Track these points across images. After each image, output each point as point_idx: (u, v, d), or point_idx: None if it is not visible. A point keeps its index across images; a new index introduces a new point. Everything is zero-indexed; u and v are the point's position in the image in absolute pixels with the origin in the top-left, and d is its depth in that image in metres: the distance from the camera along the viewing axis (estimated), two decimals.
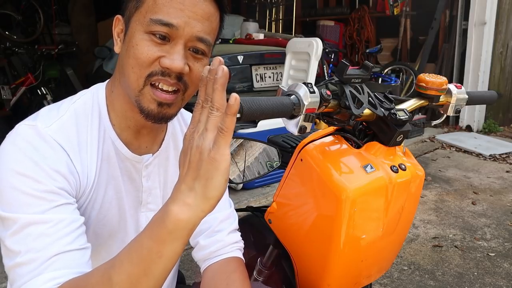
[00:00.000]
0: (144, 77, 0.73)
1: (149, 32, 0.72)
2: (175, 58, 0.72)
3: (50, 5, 6.63)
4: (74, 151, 0.75)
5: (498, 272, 2.27)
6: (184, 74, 0.75)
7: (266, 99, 0.72)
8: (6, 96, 4.84)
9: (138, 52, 0.73)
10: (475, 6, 4.93)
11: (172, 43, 0.73)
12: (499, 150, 4.36)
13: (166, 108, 0.76)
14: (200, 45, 0.75)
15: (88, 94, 0.83)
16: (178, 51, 0.73)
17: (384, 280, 2.17)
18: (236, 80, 3.80)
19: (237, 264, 0.92)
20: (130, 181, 0.84)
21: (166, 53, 0.73)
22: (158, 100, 0.74)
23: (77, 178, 0.75)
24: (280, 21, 8.10)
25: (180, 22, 0.72)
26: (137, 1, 0.75)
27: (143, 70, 0.73)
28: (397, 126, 0.85)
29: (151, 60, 0.73)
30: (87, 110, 0.80)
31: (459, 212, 3.02)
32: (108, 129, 0.81)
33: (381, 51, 5.95)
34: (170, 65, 0.72)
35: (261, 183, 3.09)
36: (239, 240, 0.98)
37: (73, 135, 0.76)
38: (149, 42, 0.73)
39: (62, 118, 0.77)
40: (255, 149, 1.23)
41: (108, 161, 0.81)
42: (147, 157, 0.85)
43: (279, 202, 0.98)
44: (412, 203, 0.95)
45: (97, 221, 0.81)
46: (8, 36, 5.73)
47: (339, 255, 0.86)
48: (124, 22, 0.79)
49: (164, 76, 0.73)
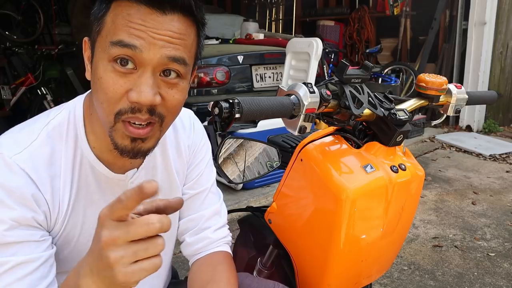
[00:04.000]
0: (113, 114, 0.66)
1: (112, 60, 0.64)
2: (143, 90, 0.63)
3: (50, 5, 6.64)
4: (44, 181, 0.70)
5: (498, 272, 2.27)
6: (157, 105, 0.66)
7: (266, 99, 0.72)
8: (6, 96, 4.85)
9: (104, 86, 0.65)
10: (475, 6, 4.93)
11: (139, 72, 0.64)
12: (499, 150, 4.36)
13: (140, 143, 0.69)
14: (173, 65, 0.66)
15: (64, 113, 0.76)
16: (145, 81, 0.64)
17: (384, 280, 2.17)
18: (236, 80, 3.80)
19: (223, 257, 0.93)
20: None
21: (133, 85, 0.64)
22: (131, 136, 0.68)
23: (47, 209, 0.71)
24: (280, 21, 8.10)
25: (144, 43, 0.63)
26: (97, 24, 0.67)
27: (111, 106, 0.66)
28: (397, 126, 0.85)
29: (118, 96, 0.65)
30: (62, 132, 0.75)
31: (459, 212, 3.02)
32: (86, 152, 0.75)
33: (381, 51, 5.95)
34: (138, 99, 0.64)
35: (261, 183, 3.09)
36: (227, 235, 0.97)
37: (45, 162, 0.71)
38: (113, 73, 0.64)
39: (34, 144, 0.71)
40: (255, 149, 1.23)
41: (86, 187, 0.76)
42: (131, 172, 0.81)
43: (279, 202, 0.98)
44: (412, 203, 0.95)
45: (81, 245, 0.77)
46: (8, 36, 5.73)
47: (339, 255, 0.86)
48: (90, 47, 0.71)
49: (135, 112, 0.65)
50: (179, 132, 0.91)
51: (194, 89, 3.63)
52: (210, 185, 0.96)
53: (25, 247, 0.67)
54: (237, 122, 0.69)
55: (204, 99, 3.58)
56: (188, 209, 0.94)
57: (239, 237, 1.30)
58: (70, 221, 0.75)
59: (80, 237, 0.77)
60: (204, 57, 3.66)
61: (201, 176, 0.94)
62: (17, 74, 4.94)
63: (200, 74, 3.62)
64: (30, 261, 0.67)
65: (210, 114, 0.72)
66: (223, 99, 0.68)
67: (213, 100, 1.02)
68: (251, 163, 1.22)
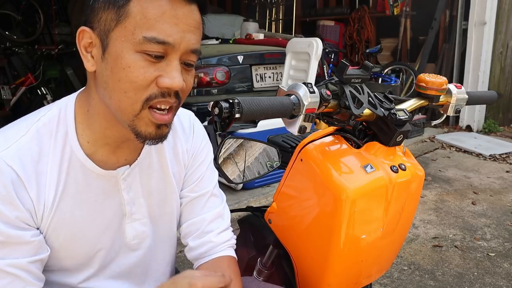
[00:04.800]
0: (141, 102, 0.68)
1: (142, 52, 0.65)
2: (175, 76, 0.67)
3: (50, 5, 6.64)
4: (30, 177, 0.70)
5: (498, 272, 2.27)
6: (181, 90, 0.70)
7: (266, 99, 0.72)
8: (6, 96, 4.85)
9: (132, 75, 0.66)
10: (475, 6, 4.93)
11: (167, 60, 0.67)
12: (499, 150, 4.36)
13: (164, 129, 0.72)
14: (192, 57, 0.71)
15: (54, 111, 0.76)
16: (176, 68, 0.68)
17: (384, 280, 2.17)
18: (236, 80, 3.80)
19: (228, 262, 0.92)
20: (109, 198, 0.80)
21: (163, 72, 0.67)
22: (157, 123, 0.70)
23: (31, 207, 0.71)
24: (280, 21, 8.11)
25: (177, 38, 0.66)
26: (117, 14, 0.66)
27: (139, 94, 0.67)
28: (397, 126, 0.85)
29: (147, 83, 0.67)
30: (52, 129, 0.74)
31: (459, 212, 3.02)
32: (76, 150, 0.75)
33: (381, 51, 5.95)
34: (171, 84, 0.67)
35: (261, 183, 3.09)
36: (230, 238, 0.96)
37: (32, 158, 0.71)
38: (144, 62, 0.66)
39: (22, 140, 0.71)
40: (255, 149, 1.23)
41: (75, 184, 0.76)
42: (123, 169, 0.80)
43: (279, 202, 0.98)
44: (412, 203, 0.95)
45: (66, 244, 0.77)
46: (8, 36, 5.73)
47: (339, 255, 0.86)
48: (98, 36, 0.68)
49: (165, 97, 0.68)
50: (177, 133, 0.90)
51: (194, 89, 3.62)
52: (212, 187, 0.95)
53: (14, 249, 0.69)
54: (237, 122, 0.70)
55: (204, 99, 3.57)
56: (189, 213, 0.93)
57: (239, 237, 1.30)
58: (54, 219, 0.74)
59: (67, 235, 0.77)
60: (204, 57, 3.66)
61: (202, 179, 0.93)
62: (17, 74, 4.94)
63: (200, 74, 3.62)
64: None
65: (210, 114, 0.72)
66: (223, 99, 0.68)
67: (213, 100, 1.02)
68: (251, 163, 1.23)
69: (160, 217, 0.89)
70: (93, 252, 0.81)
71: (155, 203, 0.87)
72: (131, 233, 0.85)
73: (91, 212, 0.79)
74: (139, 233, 0.86)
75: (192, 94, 3.60)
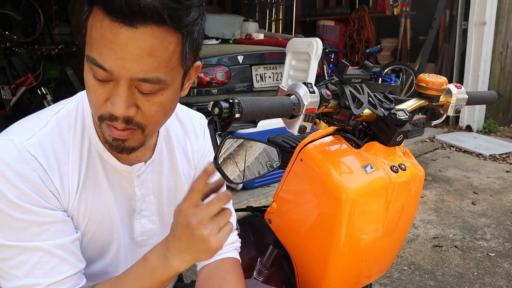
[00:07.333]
0: (97, 117, 0.68)
1: (91, 69, 0.64)
2: (116, 103, 0.63)
3: (50, 5, 6.63)
4: (52, 167, 0.71)
5: (498, 272, 2.27)
6: (133, 116, 0.66)
7: (266, 99, 0.72)
8: (6, 96, 4.85)
9: (89, 91, 0.67)
10: (475, 6, 4.93)
11: (114, 83, 0.64)
12: (499, 150, 4.36)
13: (121, 143, 0.70)
14: (144, 86, 0.63)
15: (72, 103, 0.78)
16: (119, 94, 0.63)
17: (384, 280, 2.17)
18: (236, 80, 3.80)
19: (231, 264, 0.92)
20: (122, 192, 0.82)
21: (110, 95, 0.64)
22: (112, 136, 0.69)
23: (57, 194, 0.72)
24: (280, 21, 8.10)
25: (114, 65, 0.60)
26: (84, 27, 0.65)
27: (95, 110, 0.68)
28: (397, 126, 0.85)
29: (100, 102, 0.66)
30: (71, 120, 0.76)
31: (459, 212, 3.02)
32: (94, 141, 0.77)
33: (381, 51, 5.95)
34: (111, 110, 0.64)
35: (261, 183, 3.09)
36: (235, 241, 0.96)
37: (54, 148, 0.72)
38: (95, 82, 0.64)
39: (43, 130, 0.72)
40: (255, 149, 1.23)
41: (95, 175, 0.77)
42: (138, 166, 0.82)
43: (279, 202, 0.98)
44: (412, 203, 0.95)
45: (86, 234, 0.78)
46: (8, 36, 5.72)
47: (339, 255, 0.86)
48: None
49: (112, 120, 0.66)
50: (189, 134, 0.92)
51: (194, 89, 3.62)
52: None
53: (53, 230, 0.70)
54: (237, 122, 0.70)
55: (204, 99, 3.57)
56: None
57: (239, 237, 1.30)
58: (77, 207, 0.76)
59: (87, 225, 0.78)
60: (204, 57, 3.66)
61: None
62: (17, 74, 4.93)
63: (200, 74, 3.62)
64: (62, 242, 0.71)
65: (210, 114, 0.72)
66: (223, 99, 0.68)
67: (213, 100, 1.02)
68: (251, 163, 1.22)
69: (169, 215, 0.89)
70: (106, 245, 0.83)
71: (165, 201, 0.89)
72: (139, 229, 0.86)
73: (108, 204, 0.80)
74: (147, 230, 0.87)
75: (192, 94, 3.61)
